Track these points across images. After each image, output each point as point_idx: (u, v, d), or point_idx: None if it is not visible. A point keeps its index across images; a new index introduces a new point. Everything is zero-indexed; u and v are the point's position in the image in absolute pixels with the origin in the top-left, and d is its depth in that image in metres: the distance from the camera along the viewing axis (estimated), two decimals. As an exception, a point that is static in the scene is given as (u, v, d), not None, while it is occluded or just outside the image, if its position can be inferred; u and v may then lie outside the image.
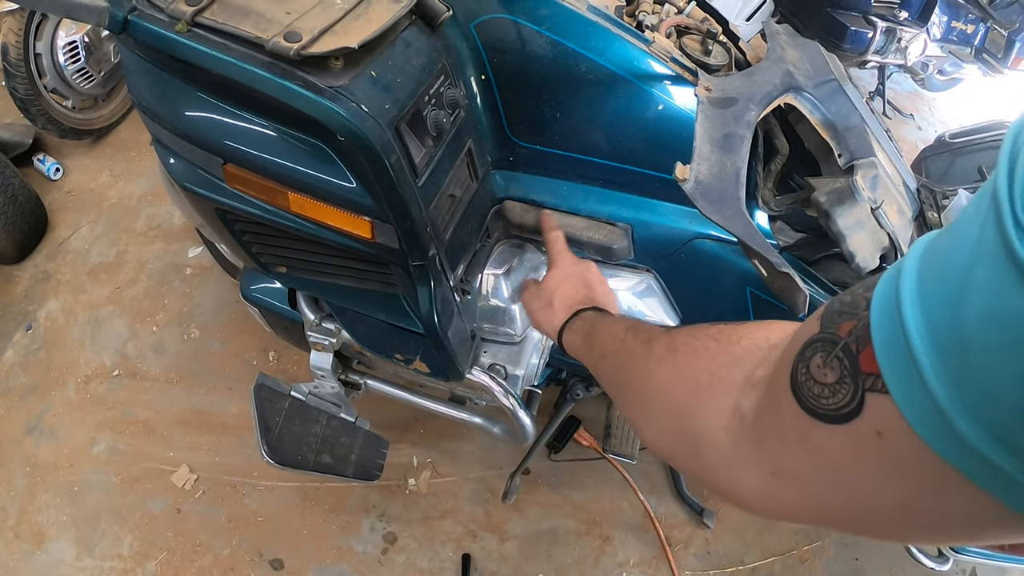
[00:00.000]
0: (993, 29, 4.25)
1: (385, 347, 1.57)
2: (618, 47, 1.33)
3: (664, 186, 1.44)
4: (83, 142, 3.36)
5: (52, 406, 2.53)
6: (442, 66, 1.26)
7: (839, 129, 1.44)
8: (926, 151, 2.37)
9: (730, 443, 0.60)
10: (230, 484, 2.38)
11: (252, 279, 1.80)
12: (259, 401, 1.76)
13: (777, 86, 1.40)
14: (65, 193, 3.20)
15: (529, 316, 1.25)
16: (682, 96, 1.37)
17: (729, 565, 2.43)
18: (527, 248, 1.61)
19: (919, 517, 0.45)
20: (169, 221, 3.10)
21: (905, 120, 4.88)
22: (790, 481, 0.54)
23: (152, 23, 1.03)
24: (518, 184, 1.53)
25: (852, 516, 0.51)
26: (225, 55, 1.01)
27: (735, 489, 0.60)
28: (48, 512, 2.29)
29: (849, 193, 1.37)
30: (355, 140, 1.04)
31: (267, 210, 1.24)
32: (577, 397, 2.05)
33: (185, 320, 2.78)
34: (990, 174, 0.35)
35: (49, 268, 2.92)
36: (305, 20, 1.04)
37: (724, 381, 0.65)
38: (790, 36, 1.63)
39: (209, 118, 1.16)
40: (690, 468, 0.68)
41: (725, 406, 0.62)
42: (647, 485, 2.55)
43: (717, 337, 0.71)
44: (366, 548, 2.30)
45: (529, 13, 1.30)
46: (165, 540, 2.25)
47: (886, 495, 0.45)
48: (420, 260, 1.25)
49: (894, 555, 2.53)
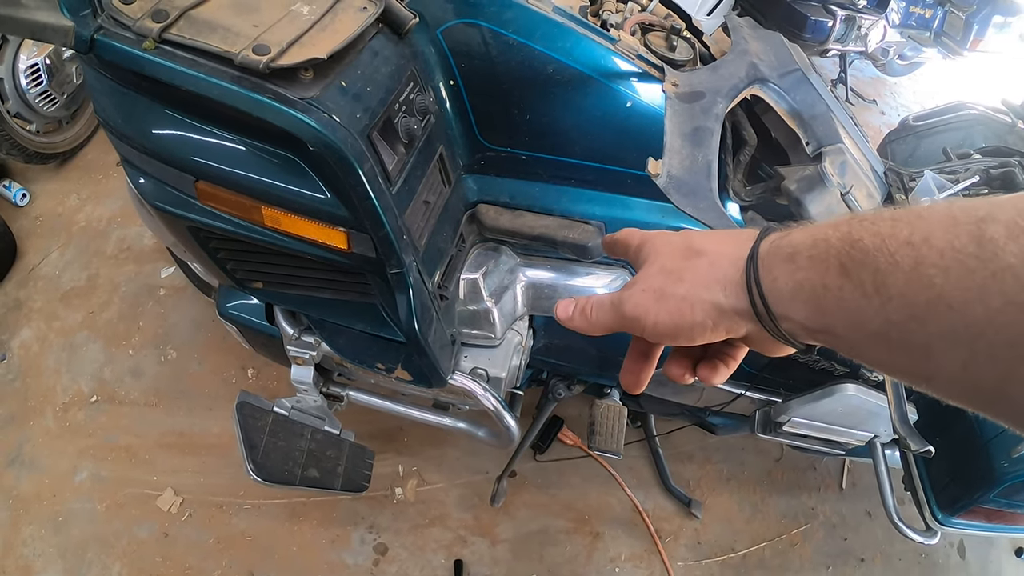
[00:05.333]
0: (951, 12, 4.33)
1: (366, 357, 1.57)
2: (584, 47, 1.34)
3: (636, 182, 1.45)
4: (48, 166, 3.31)
5: (31, 436, 2.49)
6: (411, 73, 1.26)
7: (805, 118, 1.46)
8: (891, 135, 2.40)
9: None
10: (216, 505, 2.36)
11: (228, 296, 1.79)
12: (242, 419, 1.74)
13: (743, 78, 1.42)
14: (33, 219, 3.15)
15: (634, 324, 0.62)
16: (650, 92, 1.39)
17: (720, 553, 2.45)
18: (502, 251, 1.61)
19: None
20: (140, 242, 3.07)
21: (868, 106, 4.95)
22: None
23: (119, 41, 1.01)
24: (491, 187, 1.54)
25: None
26: (194, 71, 1.00)
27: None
28: (34, 545, 2.25)
29: (818, 180, 1.39)
30: (327, 151, 1.04)
31: (241, 226, 1.23)
32: (559, 397, 2.06)
33: (161, 342, 2.75)
34: (954, 154, 0.34)
35: (20, 296, 2.87)
36: (273, 32, 1.03)
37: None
38: (752, 29, 1.65)
39: (178, 135, 1.15)
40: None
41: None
42: (634, 480, 2.57)
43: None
44: (357, 560, 2.29)
45: (495, 17, 1.30)
46: (154, 566, 2.22)
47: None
48: (397, 268, 1.24)
49: (883, 533, 2.57)
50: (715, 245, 0.59)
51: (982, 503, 1.76)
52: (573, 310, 0.68)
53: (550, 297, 1.64)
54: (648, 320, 0.60)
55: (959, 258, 0.42)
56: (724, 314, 0.56)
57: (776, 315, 0.53)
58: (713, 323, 0.57)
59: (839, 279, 0.48)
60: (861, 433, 1.87)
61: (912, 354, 0.46)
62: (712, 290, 0.57)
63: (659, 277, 0.60)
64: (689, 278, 0.58)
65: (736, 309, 0.56)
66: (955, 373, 0.44)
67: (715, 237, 0.61)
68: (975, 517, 1.82)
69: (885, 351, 0.48)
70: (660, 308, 0.59)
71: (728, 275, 0.56)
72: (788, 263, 0.52)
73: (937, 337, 0.43)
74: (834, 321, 0.50)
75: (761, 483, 2.65)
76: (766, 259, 0.54)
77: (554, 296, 1.63)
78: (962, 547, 2.64)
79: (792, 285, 0.52)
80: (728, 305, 0.56)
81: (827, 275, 0.49)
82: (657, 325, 0.59)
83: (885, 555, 2.55)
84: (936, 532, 1.83)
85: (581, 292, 1.62)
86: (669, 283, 0.59)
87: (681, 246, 0.61)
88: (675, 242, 0.63)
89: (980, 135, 2.17)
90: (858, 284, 0.47)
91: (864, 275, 0.47)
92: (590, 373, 2.05)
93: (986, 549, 2.66)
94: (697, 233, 0.63)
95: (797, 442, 2.07)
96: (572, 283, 1.62)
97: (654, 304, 0.59)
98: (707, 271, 0.58)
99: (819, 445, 2.06)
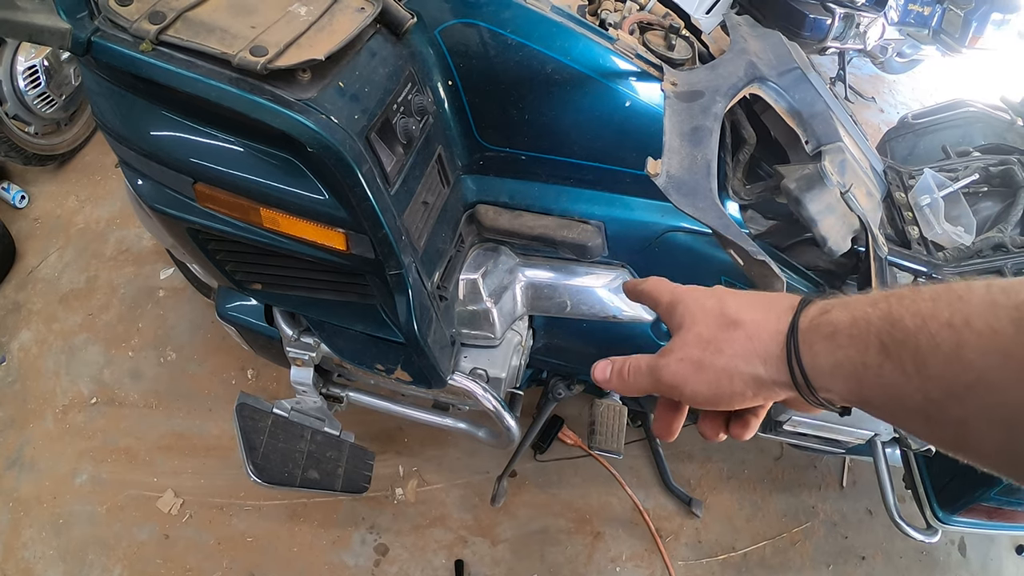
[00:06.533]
0: (950, 10, 4.33)
1: (365, 358, 1.56)
2: (583, 46, 1.34)
3: (635, 181, 1.45)
4: (47, 168, 3.31)
5: (31, 439, 2.48)
6: (409, 73, 1.26)
7: (805, 116, 1.45)
8: (890, 133, 2.40)
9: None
10: (216, 506, 2.36)
11: (227, 297, 1.79)
12: (242, 420, 1.74)
13: (742, 77, 1.41)
14: (32, 221, 3.15)
15: (672, 392, 0.64)
16: (648, 92, 1.38)
17: (721, 552, 2.45)
18: (501, 251, 1.61)
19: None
20: (139, 244, 3.06)
21: (867, 103, 4.94)
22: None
23: (116, 43, 1.01)
24: (490, 187, 1.54)
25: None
26: (191, 72, 1.00)
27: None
28: (34, 547, 2.25)
29: (818, 178, 1.39)
30: (326, 152, 1.04)
31: (239, 227, 1.23)
32: (559, 396, 2.06)
33: (160, 343, 2.75)
34: (953, 152, 0.34)
35: (19, 298, 2.87)
36: (270, 34, 1.03)
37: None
38: (751, 27, 1.65)
39: (177, 137, 1.14)
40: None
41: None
42: (634, 479, 2.56)
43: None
44: (358, 561, 2.29)
45: (493, 17, 1.30)
46: (155, 567, 2.22)
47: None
48: (396, 269, 1.24)
49: (884, 531, 2.56)
50: (751, 314, 0.60)
51: (983, 501, 1.76)
52: (610, 372, 0.70)
53: (549, 297, 1.63)
54: (687, 389, 0.61)
55: (999, 342, 0.43)
56: (764, 385, 0.58)
57: (815, 387, 0.55)
58: (753, 393, 0.59)
59: (879, 357, 0.50)
60: (861, 431, 1.87)
61: (949, 429, 0.48)
62: (752, 363, 0.58)
63: (697, 347, 0.61)
64: (728, 350, 0.59)
65: (776, 381, 0.58)
66: (992, 449, 0.46)
67: (749, 304, 0.62)
68: (976, 515, 1.82)
69: (922, 424, 0.50)
70: (699, 379, 0.60)
71: (769, 350, 0.58)
72: (828, 340, 0.53)
73: (975, 416, 0.45)
74: (873, 395, 0.52)
75: (762, 482, 2.65)
76: (806, 335, 0.55)
77: (553, 296, 1.63)
78: (963, 545, 2.63)
79: (832, 362, 0.53)
80: (768, 378, 0.58)
81: (867, 353, 0.50)
82: (696, 395, 0.61)
83: (886, 553, 2.55)
84: (937, 530, 1.83)
85: (581, 292, 1.62)
86: (708, 354, 0.60)
87: (716, 313, 0.62)
88: (710, 308, 0.63)
89: (979, 133, 2.17)
90: (898, 363, 0.49)
91: (905, 355, 0.48)
92: (590, 372, 2.04)
93: (987, 547, 2.65)
94: (730, 296, 0.64)
95: (797, 440, 2.07)
96: (571, 283, 1.62)
97: (693, 374, 0.61)
98: (746, 344, 0.59)
99: (819, 443, 2.06)
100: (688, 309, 0.65)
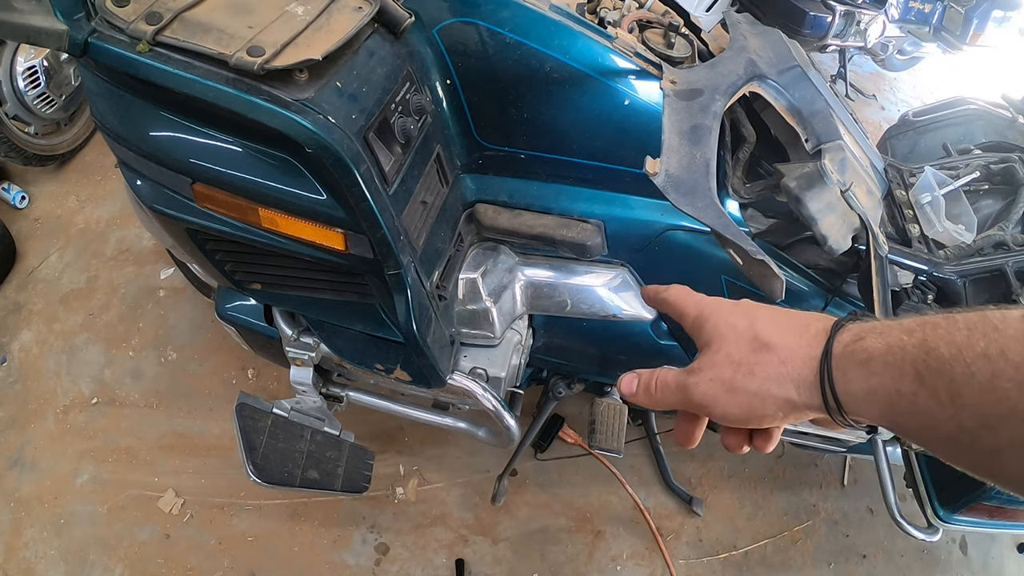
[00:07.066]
0: (950, 7, 4.31)
1: (365, 358, 1.56)
2: (582, 45, 1.34)
3: (635, 180, 1.44)
4: (47, 168, 3.31)
5: (32, 439, 2.49)
6: (407, 73, 1.26)
7: (805, 114, 1.45)
8: (891, 131, 2.39)
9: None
10: (217, 506, 2.36)
11: (227, 297, 1.79)
12: (242, 420, 1.74)
13: (741, 75, 1.41)
14: (32, 221, 3.15)
15: (702, 410, 0.65)
16: (648, 90, 1.38)
17: (722, 551, 2.45)
18: (501, 250, 1.61)
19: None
20: (139, 244, 3.06)
21: (868, 101, 4.93)
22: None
23: (113, 44, 1.01)
24: (488, 186, 1.53)
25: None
26: (188, 73, 1.00)
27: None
28: (36, 547, 2.25)
29: (818, 177, 1.38)
30: (324, 152, 1.04)
31: (238, 227, 1.23)
32: (559, 395, 2.06)
33: (161, 343, 2.75)
34: (954, 150, 0.34)
35: (20, 299, 2.87)
36: (267, 34, 1.03)
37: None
38: (751, 25, 1.64)
39: (175, 137, 1.14)
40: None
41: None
42: (635, 478, 2.56)
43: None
44: (359, 561, 2.29)
45: (491, 16, 1.30)
46: (156, 567, 2.22)
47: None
48: (395, 269, 1.24)
49: (885, 529, 2.56)
50: (783, 338, 0.60)
51: (984, 500, 1.75)
52: (637, 386, 0.69)
53: (549, 296, 1.63)
54: (717, 410, 0.62)
55: None
56: (795, 408, 0.59)
57: (847, 411, 0.55)
58: (784, 415, 0.60)
59: (913, 385, 0.50)
60: (862, 430, 1.86)
61: (981, 457, 0.48)
62: (785, 387, 0.58)
63: (728, 368, 0.61)
64: (760, 373, 0.59)
65: (808, 404, 0.58)
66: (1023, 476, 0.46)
67: (781, 325, 0.62)
68: (977, 514, 1.81)
69: (954, 451, 0.50)
70: (730, 400, 0.61)
71: (802, 375, 0.58)
72: (862, 367, 0.54)
73: (1008, 445, 0.45)
74: (906, 422, 0.52)
75: (762, 480, 2.65)
76: (840, 362, 0.55)
77: (553, 295, 1.63)
78: (964, 543, 2.63)
79: (866, 388, 0.53)
80: (800, 401, 0.58)
81: (901, 381, 0.51)
82: (727, 415, 0.61)
83: (887, 552, 2.55)
84: (938, 529, 1.83)
85: (581, 291, 1.61)
86: (739, 376, 0.60)
87: (748, 335, 0.62)
88: (741, 329, 0.63)
89: (980, 130, 2.16)
90: (932, 392, 0.49)
91: (939, 384, 0.48)
92: (590, 371, 2.04)
93: (988, 545, 2.65)
94: (760, 315, 0.64)
95: (798, 439, 2.06)
96: (571, 282, 1.61)
97: (724, 395, 0.61)
98: (779, 368, 0.59)
99: (820, 442, 2.06)
100: (717, 328, 0.65)
